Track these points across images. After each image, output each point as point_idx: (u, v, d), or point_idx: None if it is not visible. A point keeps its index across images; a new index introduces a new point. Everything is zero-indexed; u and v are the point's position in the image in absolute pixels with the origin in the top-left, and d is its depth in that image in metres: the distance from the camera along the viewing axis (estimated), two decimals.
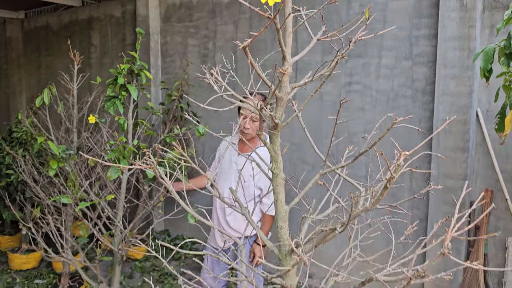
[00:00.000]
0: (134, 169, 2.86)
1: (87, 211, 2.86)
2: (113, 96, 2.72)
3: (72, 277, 3.64)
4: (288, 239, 1.25)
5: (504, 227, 3.04)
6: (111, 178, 2.55)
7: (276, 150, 1.09)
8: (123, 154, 2.52)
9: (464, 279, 3.08)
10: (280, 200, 1.12)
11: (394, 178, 0.98)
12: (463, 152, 3.04)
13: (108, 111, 2.68)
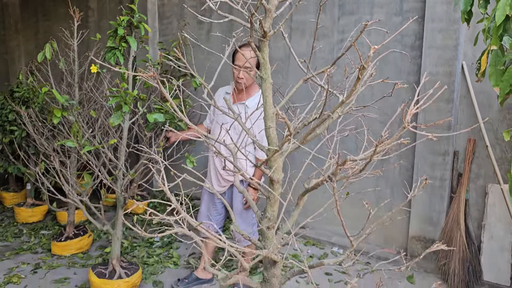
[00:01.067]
0: (135, 118, 2.99)
1: (91, 158, 3.02)
2: (113, 47, 2.84)
3: (77, 226, 3.83)
4: (275, 138, 1.40)
5: (485, 174, 3.23)
6: (113, 124, 2.69)
7: (264, 57, 1.23)
8: (124, 100, 2.66)
9: (446, 223, 3.28)
10: (268, 102, 1.27)
11: (365, 68, 1.12)
12: (448, 103, 3.19)
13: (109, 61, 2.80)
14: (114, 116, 2.69)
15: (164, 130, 3.18)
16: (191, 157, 2.78)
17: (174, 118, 2.92)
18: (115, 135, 3.03)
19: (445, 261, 3.23)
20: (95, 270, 2.96)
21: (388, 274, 3.37)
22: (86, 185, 3.10)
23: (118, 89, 2.71)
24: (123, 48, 2.85)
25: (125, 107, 2.67)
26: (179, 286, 3.11)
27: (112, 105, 2.75)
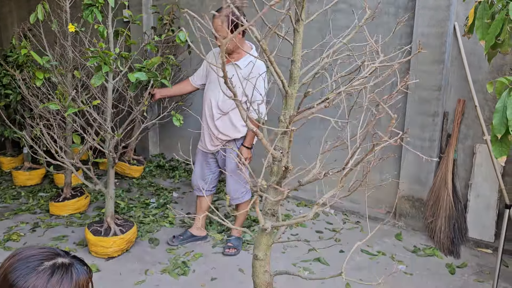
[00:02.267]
0: (118, 78, 2.96)
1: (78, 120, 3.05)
2: (90, 4, 2.80)
3: (74, 188, 3.91)
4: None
5: (474, 134, 3.29)
6: (95, 84, 2.66)
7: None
8: (104, 60, 2.62)
9: (434, 182, 3.36)
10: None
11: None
12: (439, 64, 3.22)
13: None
14: (95, 77, 2.65)
15: (148, 88, 3.15)
16: (177, 115, 2.79)
17: (157, 76, 2.90)
18: (102, 97, 3.03)
19: (432, 219, 3.34)
20: (91, 228, 3.04)
21: (377, 232, 3.47)
22: (76, 147, 3.14)
23: (96, 49, 2.66)
24: (101, 4, 2.80)
25: (105, 67, 2.62)
26: (174, 243, 3.21)
27: (93, 65, 2.71)
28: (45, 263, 0.97)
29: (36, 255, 0.98)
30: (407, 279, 2.80)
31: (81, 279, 1.00)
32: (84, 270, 1.03)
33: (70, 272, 0.99)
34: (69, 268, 0.99)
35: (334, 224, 3.62)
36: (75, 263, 1.02)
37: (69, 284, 0.97)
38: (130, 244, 3.10)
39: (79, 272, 1.01)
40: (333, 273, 2.87)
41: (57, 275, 0.96)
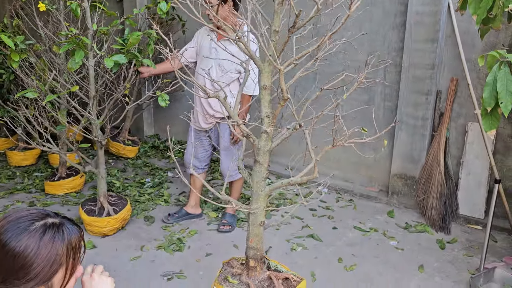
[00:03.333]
0: (95, 60, 2.87)
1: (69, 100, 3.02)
2: None
3: (69, 168, 3.92)
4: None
5: (466, 113, 3.32)
6: (72, 69, 2.57)
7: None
8: (77, 44, 2.53)
9: (426, 160, 3.40)
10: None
11: None
12: (432, 42, 3.23)
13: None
14: (71, 61, 2.57)
15: (130, 68, 3.03)
16: (163, 95, 2.73)
17: (137, 56, 2.82)
18: (83, 80, 2.96)
19: (423, 196, 3.39)
20: (84, 207, 3.06)
21: (370, 209, 3.53)
22: (61, 127, 3.12)
23: (68, 33, 2.57)
24: None
25: (78, 54, 2.53)
26: (169, 220, 3.25)
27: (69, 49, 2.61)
28: (36, 223, 0.97)
29: (26, 216, 0.98)
30: (398, 254, 2.85)
31: (73, 238, 1.01)
32: (75, 229, 1.04)
33: (62, 231, 0.99)
34: (60, 227, 1.00)
35: (327, 202, 3.67)
36: (65, 222, 1.03)
37: (61, 243, 0.98)
38: (125, 222, 3.13)
39: (70, 231, 1.02)
40: (326, 248, 2.94)
41: (48, 234, 0.96)
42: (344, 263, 2.74)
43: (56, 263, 0.97)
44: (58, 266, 0.98)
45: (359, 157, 3.87)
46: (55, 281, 0.99)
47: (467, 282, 2.51)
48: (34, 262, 0.94)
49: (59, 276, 0.99)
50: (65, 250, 0.99)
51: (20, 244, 0.93)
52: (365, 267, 2.69)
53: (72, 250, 1.01)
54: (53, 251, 0.96)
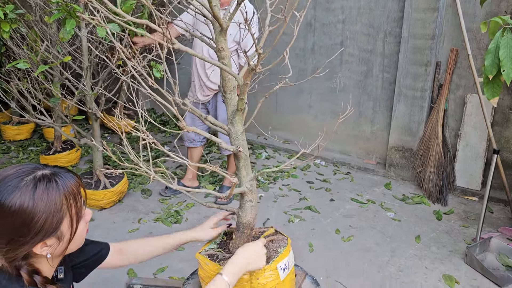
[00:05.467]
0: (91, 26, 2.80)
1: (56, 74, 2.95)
2: None
3: (64, 141, 3.88)
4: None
5: (465, 85, 3.28)
6: (64, 39, 2.52)
7: None
8: (69, 13, 2.45)
9: (424, 132, 3.39)
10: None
11: None
12: (433, 12, 3.16)
13: None
14: (63, 31, 2.47)
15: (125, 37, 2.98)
16: (158, 66, 2.68)
17: (130, 25, 2.75)
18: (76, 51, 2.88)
19: (421, 168, 3.38)
20: (81, 180, 3.04)
21: (367, 182, 3.53)
22: (55, 102, 3.07)
23: (59, 0, 2.48)
24: None
25: (69, 23, 2.42)
26: (166, 193, 3.24)
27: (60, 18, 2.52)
28: (26, 178, 0.93)
29: (13, 173, 0.94)
30: (395, 225, 2.87)
31: (68, 185, 0.97)
32: (70, 176, 1.00)
33: (54, 181, 0.95)
34: (52, 178, 0.96)
35: (324, 175, 3.67)
36: (57, 172, 0.99)
37: (57, 193, 0.94)
38: (122, 195, 3.12)
39: (64, 179, 0.98)
40: (324, 220, 2.95)
41: (41, 186, 0.93)
42: (342, 234, 2.75)
43: (57, 213, 0.95)
44: (61, 215, 0.95)
45: (357, 130, 3.86)
46: (63, 230, 0.98)
47: (463, 252, 2.53)
48: (34, 216, 0.91)
49: (65, 224, 0.97)
50: (63, 198, 0.96)
51: (14, 202, 0.90)
52: (362, 238, 2.71)
53: (72, 197, 0.98)
54: (50, 202, 0.93)
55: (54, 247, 0.99)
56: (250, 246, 1.33)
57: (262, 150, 4.17)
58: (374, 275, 2.35)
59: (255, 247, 1.32)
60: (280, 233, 1.56)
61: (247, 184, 1.43)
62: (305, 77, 4.08)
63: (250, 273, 1.33)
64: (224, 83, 1.36)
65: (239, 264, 1.27)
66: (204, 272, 1.41)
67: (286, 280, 1.42)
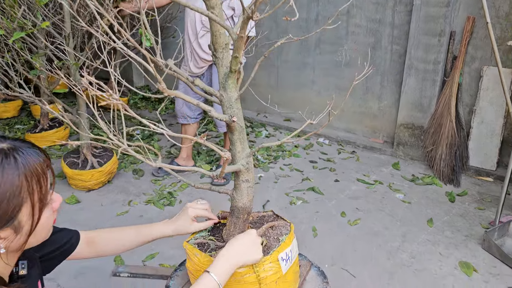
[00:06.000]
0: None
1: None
2: None
3: (52, 119, 3.66)
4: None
5: (482, 56, 3.03)
6: (41, 2, 2.29)
7: None
8: None
9: (436, 108, 3.15)
10: None
11: None
12: None
13: None
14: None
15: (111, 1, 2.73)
16: (147, 34, 2.45)
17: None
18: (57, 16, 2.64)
19: (432, 147, 3.16)
20: (67, 159, 2.82)
21: (374, 161, 3.31)
22: (35, 73, 2.83)
23: None
24: None
25: None
26: (159, 174, 3.03)
27: None
28: None
29: None
30: (405, 207, 2.66)
31: (31, 164, 0.78)
32: (34, 153, 0.81)
33: (12, 157, 0.76)
34: (9, 153, 0.77)
35: (328, 154, 3.45)
36: (18, 146, 0.79)
37: (15, 171, 0.75)
38: (111, 176, 2.91)
39: (26, 155, 0.78)
40: (328, 202, 2.75)
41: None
42: (348, 217, 2.55)
43: (15, 197, 0.75)
44: (19, 201, 0.76)
45: (363, 106, 3.62)
46: (22, 219, 0.78)
47: (480, 237, 2.33)
48: None
49: (24, 212, 0.78)
50: (23, 180, 0.76)
51: None
52: (369, 221, 2.50)
53: (35, 179, 0.78)
54: (5, 183, 0.74)
55: (9, 240, 0.79)
56: (242, 237, 1.13)
57: (262, 128, 3.95)
58: (383, 262, 2.15)
59: (249, 238, 1.13)
60: (281, 218, 1.35)
61: (242, 161, 1.21)
62: (309, 51, 3.82)
63: (251, 266, 1.13)
64: (215, 39, 1.12)
65: (230, 259, 1.07)
66: (192, 265, 1.20)
67: (289, 272, 1.21)
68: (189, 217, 1.28)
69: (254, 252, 1.11)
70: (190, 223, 1.26)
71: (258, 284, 1.15)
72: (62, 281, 1.99)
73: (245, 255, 1.10)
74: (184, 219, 1.27)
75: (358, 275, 2.05)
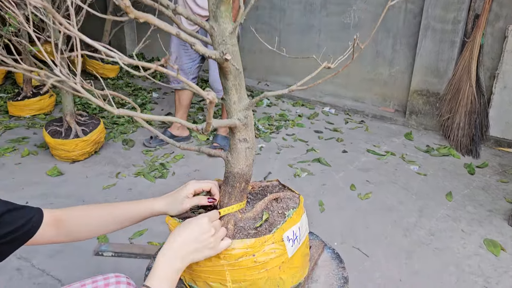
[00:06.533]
0: None
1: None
2: None
3: (37, 86, 3.38)
4: None
5: (507, 14, 2.73)
6: None
7: None
8: None
9: (454, 73, 2.87)
10: None
11: None
12: None
13: None
14: None
15: None
16: None
17: None
18: None
19: (448, 115, 2.90)
20: (49, 128, 2.56)
21: (384, 131, 3.06)
22: (7, 29, 2.54)
23: None
24: None
25: None
26: (151, 144, 2.78)
27: None
28: None
29: None
30: (421, 180, 2.42)
31: None
32: None
33: None
34: None
35: (335, 124, 3.19)
36: None
37: None
38: (98, 146, 2.66)
39: None
40: (336, 174, 2.51)
41: None
42: (358, 190, 2.31)
43: None
44: None
45: (373, 72, 3.34)
46: None
47: (505, 212, 2.09)
48: None
49: None
50: None
51: None
52: (382, 195, 2.26)
53: None
54: None
55: None
56: (187, 227, 0.87)
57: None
58: (399, 239, 1.92)
59: (197, 227, 0.87)
60: (288, 189, 1.10)
61: (239, 114, 0.96)
62: (314, 12, 3.51)
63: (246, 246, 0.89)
64: None
65: (172, 261, 0.83)
66: None
67: (296, 256, 0.97)
68: (186, 192, 1.02)
69: (206, 245, 0.86)
70: (184, 199, 1.01)
71: (256, 270, 0.91)
72: (37, 261, 1.76)
73: (194, 252, 0.85)
74: (179, 194, 1.01)
75: (371, 254, 1.82)
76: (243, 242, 0.90)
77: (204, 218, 0.88)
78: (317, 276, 1.08)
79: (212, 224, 0.89)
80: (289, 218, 0.97)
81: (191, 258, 0.85)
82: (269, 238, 0.92)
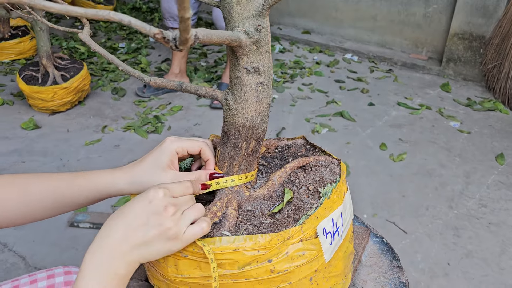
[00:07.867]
0: None
1: None
2: None
3: (16, 27, 2.97)
4: None
5: None
6: None
7: None
8: None
9: (505, 12, 2.40)
10: None
11: None
12: None
13: None
14: None
15: None
16: None
17: None
18: None
19: (495, 63, 2.45)
20: (23, 73, 2.17)
21: (417, 82, 2.63)
22: None
23: None
24: None
25: None
26: (145, 93, 2.40)
27: None
28: None
29: None
30: (464, 139, 2.02)
31: None
32: None
33: None
34: None
35: (358, 73, 2.76)
36: None
37: None
38: (82, 95, 2.28)
39: None
40: (362, 131, 2.13)
41: None
42: (389, 150, 1.92)
43: None
44: None
45: (403, 13, 2.86)
46: None
47: None
48: None
49: None
50: None
51: None
52: (419, 157, 1.88)
53: None
54: None
55: None
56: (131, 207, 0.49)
57: (276, 42, 3.23)
58: (444, 212, 1.56)
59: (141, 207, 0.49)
60: (321, 151, 0.72)
61: (246, 23, 0.55)
62: None
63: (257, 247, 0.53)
64: None
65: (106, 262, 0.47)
66: None
67: (337, 258, 0.60)
68: (167, 156, 0.62)
69: (161, 233, 0.49)
70: (165, 170, 0.62)
71: (273, 284, 0.55)
72: (1, 234, 1.44)
73: (143, 246, 0.49)
74: (155, 163, 0.62)
75: (410, 230, 1.47)
76: (252, 238, 0.53)
77: (156, 191, 0.50)
78: (361, 282, 0.72)
79: (169, 200, 0.51)
80: (326, 199, 0.59)
81: (139, 256, 0.48)
82: (295, 232, 0.54)
